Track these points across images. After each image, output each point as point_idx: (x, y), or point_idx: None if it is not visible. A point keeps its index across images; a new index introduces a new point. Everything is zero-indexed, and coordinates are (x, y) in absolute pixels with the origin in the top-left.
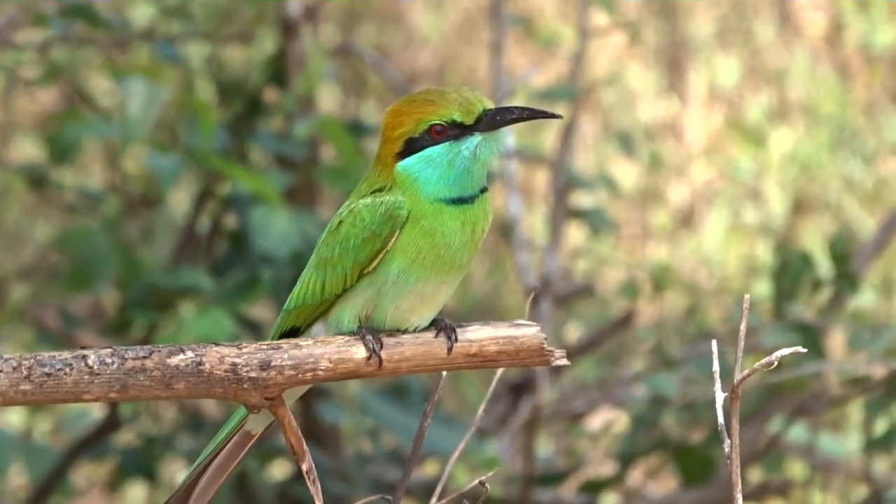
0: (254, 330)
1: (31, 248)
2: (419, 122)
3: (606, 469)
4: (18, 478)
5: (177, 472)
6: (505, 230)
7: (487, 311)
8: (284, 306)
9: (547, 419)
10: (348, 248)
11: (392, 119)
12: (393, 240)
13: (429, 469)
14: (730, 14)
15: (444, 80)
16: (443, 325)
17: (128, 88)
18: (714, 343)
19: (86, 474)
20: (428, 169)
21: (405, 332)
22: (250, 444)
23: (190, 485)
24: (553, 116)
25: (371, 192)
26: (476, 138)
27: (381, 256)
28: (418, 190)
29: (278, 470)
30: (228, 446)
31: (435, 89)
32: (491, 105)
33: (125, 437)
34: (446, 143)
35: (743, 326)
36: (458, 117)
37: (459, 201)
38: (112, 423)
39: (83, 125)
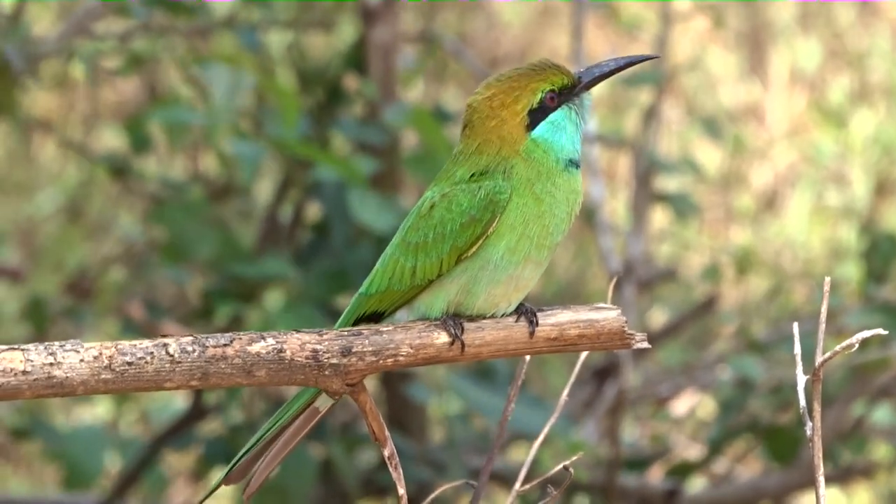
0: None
1: (114, 237)
2: (535, 91)
3: (692, 453)
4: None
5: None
6: (588, 215)
7: (571, 297)
8: (361, 290)
9: (632, 403)
10: (444, 234)
11: (505, 97)
12: (494, 225)
13: (515, 454)
14: None
15: None
16: (524, 310)
17: (212, 75)
18: (795, 326)
19: (171, 463)
20: (558, 133)
21: (491, 318)
22: (316, 420)
23: (254, 457)
24: (647, 58)
25: (470, 177)
26: (585, 97)
27: (480, 241)
28: (552, 154)
29: (364, 457)
30: (296, 422)
31: (518, 67)
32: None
33: (210, 426)
34: (563, 108)
35: (824, 309)
36: (566, 81)
37: (577, 165)
38: (197, 413)
39: (167, 112)
